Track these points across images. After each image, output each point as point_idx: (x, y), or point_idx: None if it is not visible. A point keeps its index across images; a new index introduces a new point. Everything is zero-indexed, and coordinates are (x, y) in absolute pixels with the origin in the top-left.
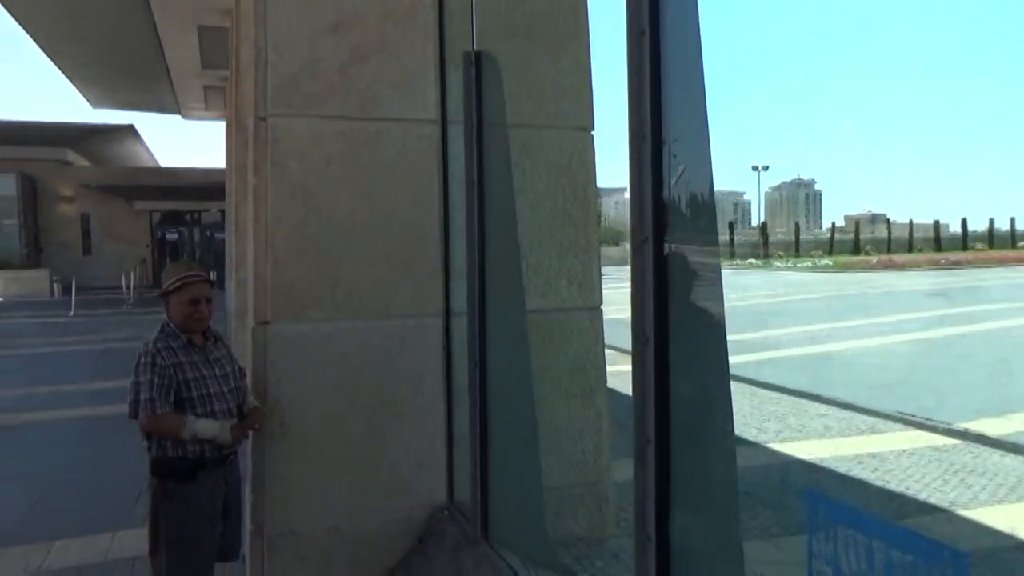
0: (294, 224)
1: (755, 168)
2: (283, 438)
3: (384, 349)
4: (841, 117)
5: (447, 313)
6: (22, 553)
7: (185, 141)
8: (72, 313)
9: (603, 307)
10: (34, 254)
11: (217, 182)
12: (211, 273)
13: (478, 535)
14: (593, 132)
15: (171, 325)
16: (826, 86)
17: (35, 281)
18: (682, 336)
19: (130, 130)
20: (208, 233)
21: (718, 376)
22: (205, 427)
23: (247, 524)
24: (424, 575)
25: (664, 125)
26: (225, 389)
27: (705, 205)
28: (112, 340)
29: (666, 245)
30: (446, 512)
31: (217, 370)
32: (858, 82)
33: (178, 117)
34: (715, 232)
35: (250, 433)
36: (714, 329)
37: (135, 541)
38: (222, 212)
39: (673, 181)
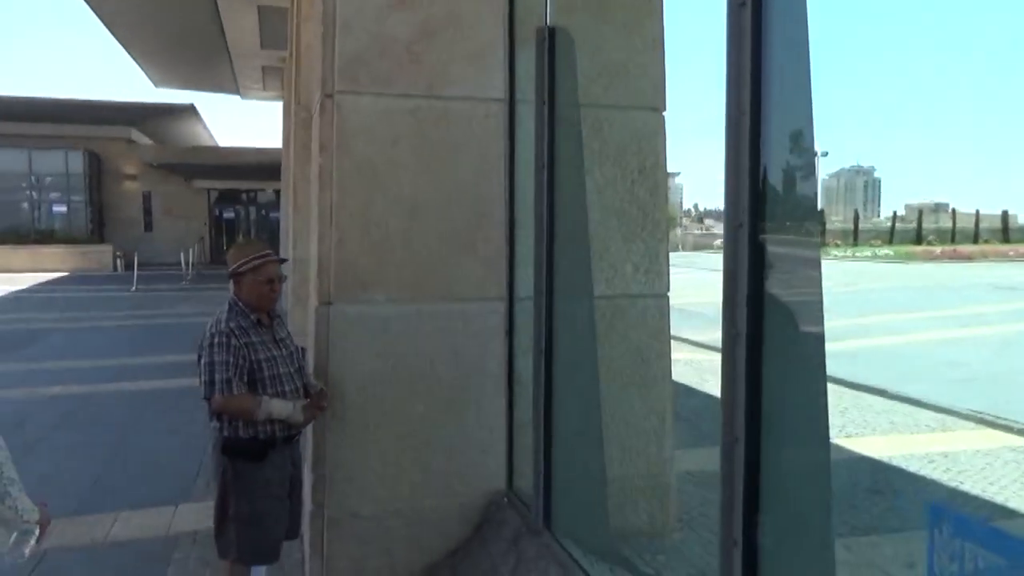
0: (359, 203)
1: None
2: (344, 420)
3: (446, 332)
4: (903, 102)
5: (510, 297)
6: (87, 523)
7: (242, 121)
8: (134, 288)
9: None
10: (98, 230)
11: (273, 162)
12: None
13: (540, 524)
14: (664, 113)
15: (240, 304)
16: (888, 70)
17: (99, 256)
18: (777, 330)
19: (191, 109)
20: (263, 212)
21: (815, 374)
22: (279, 407)
23: (307, 504)
24: (482, 562)
25: (764, 102)
26: (292, 369)
27: (807, 190)
28: (172, 315)
29: (764, 232)
30: (505, 499)
31: (284, 350)
32: (921, 65)
33: (236, 97)
34: (816, 219)
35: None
36: (812, 324)
37: (196, 515)
38: (277, 192)
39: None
